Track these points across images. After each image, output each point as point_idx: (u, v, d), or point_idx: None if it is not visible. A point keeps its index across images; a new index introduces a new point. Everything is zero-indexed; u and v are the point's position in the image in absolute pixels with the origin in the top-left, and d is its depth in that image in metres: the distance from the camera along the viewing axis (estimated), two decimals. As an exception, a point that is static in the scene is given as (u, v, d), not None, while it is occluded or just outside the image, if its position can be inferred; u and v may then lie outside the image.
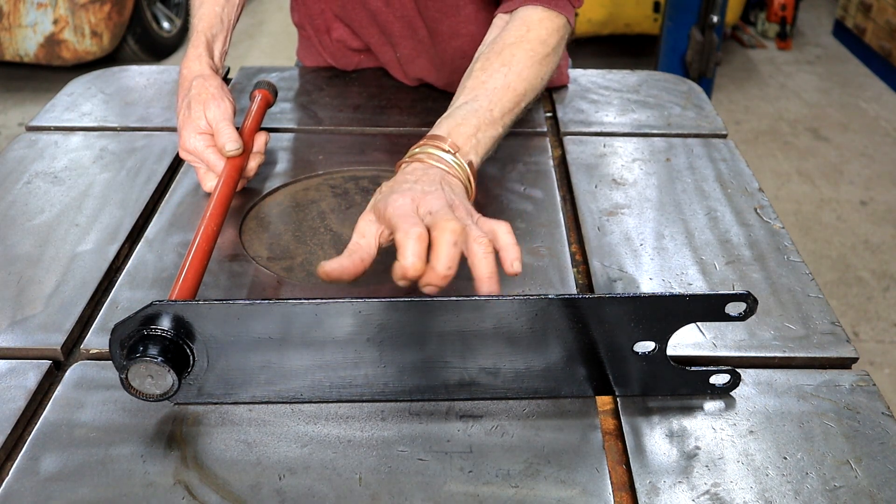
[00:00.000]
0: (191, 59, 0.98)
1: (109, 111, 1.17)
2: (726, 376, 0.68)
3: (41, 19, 3.45)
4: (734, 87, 3.87)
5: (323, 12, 1.21)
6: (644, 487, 0.60)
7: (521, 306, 0.62)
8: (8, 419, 0.65)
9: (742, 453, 0.63)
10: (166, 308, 0.61)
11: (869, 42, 4.07)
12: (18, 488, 0.59)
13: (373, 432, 0.65)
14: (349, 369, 0.65)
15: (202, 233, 0.77)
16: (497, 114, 0.84)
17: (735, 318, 0.63)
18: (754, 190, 0.99)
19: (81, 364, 0.71)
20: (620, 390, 0.68)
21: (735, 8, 3.91)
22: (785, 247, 0.88)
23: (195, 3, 1.04)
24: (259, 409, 0.67)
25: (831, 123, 3.56)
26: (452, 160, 0.77)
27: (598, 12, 3.83)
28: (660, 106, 1.20)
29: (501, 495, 0.59)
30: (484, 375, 0.66)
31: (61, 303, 0.78)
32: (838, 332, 0.75)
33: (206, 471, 0.61)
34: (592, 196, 0.97)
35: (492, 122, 0.83)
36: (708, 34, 2.90)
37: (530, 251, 0.86)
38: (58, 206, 0.94)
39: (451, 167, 0.77)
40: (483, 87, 0.86)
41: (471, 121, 0.81)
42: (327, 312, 0.61)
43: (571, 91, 1.25)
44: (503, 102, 0.85)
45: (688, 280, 0.82)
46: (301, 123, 1.15)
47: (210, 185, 0.92)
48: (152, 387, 0.62)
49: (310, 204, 0.96)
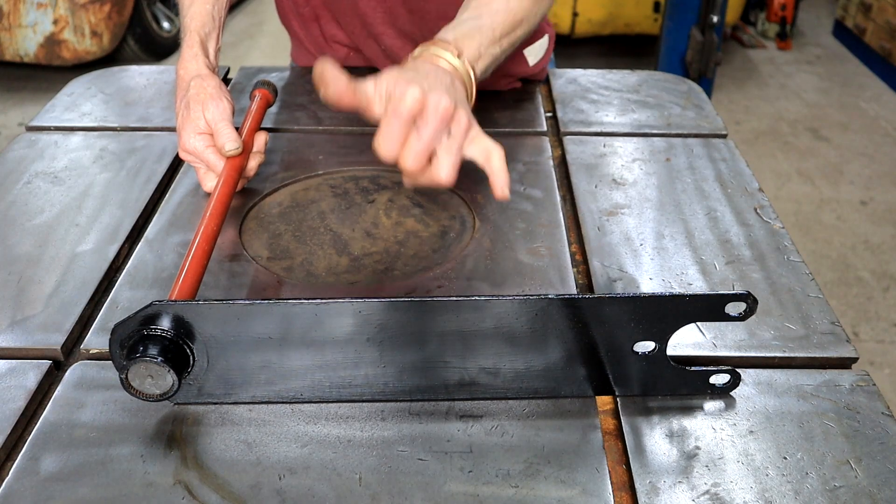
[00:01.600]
0: (187, 60, 0.98)
1: (109, 111, 1.17)
2: (726, 376, 0.68)
3: (41, 19, 3.45)
4: (734, 87, 3.87)
5: (308, 2, 1.21)
6: (644, 487, 0.60)
7: (521, 306, 0.62)
8: (8, 419, 0.65)
9: (742, 453, 0.63)
10: (166, 308, 0.61)
11: (869, 42, 4.07)
12: (18, 488, 0.59)
13: (373, 432, 0.65)
14: (349, 369, 0.65)
15: (202, 233, 0.77)
16: (498, 33, 0.87)
17: (735, 318, 0.63)
18: (754, 190, 0.99)
19: (81, 364, 0.71)
20: (620, 390, 0.68)
21: (735, 8, 3.91)
22: (785, 247, 0.88)
23: (184, 3, 1.04)
24: (259, 409, 0.67)
25: (831, 123, 3.56)
26: (459, 64, 0.79)
27: (598, 12, 3.83)
28: (660, 106, 1.20)
29: (501, 495, 0.59)
30: (484, 375, 0.66)
31: (61, 303, 0.78)
32: (838, 332, 0.75)
33: (206, 471, 0.61)
34: (592, 196, 0.97)
35: (493, 40, 0.86)
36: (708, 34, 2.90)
37: (530, 251, 0.86)
38: (58, 206, 0.94)
39: (456, 71, 0.78)
40: (486, 7, 0.88)
41: (475, 35, 0.84)
42: (327, 312, 0.61)
43: (571, 91, 1.25)
44: (504, 24, 0.88)
45: (688, 280, 0.82)
46: (301, 123, 1.15)
47: (210, 185, 0.92)
48: (152, 387, 0.62)
49: (310, 204, 0.96)
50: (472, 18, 0.87)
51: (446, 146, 0.70)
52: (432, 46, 0.80)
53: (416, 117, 0.69)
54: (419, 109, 0.69)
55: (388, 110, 0.69)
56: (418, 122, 0.69)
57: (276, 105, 1.17)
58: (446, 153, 0.70)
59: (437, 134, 0.69)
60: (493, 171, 0.71)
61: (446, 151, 0.70)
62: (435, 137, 0.69)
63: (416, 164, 0.70)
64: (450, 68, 0.78)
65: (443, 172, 0.70)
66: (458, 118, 0.70)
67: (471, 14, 0.88)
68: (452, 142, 0.71)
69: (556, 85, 1.26)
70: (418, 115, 0.69)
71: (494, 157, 0.71)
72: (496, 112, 1.16)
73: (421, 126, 0.69)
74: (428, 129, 0.69)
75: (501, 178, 0.71)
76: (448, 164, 0.70)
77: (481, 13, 0.88)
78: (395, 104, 0.69)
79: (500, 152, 0.71)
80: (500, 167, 0.71)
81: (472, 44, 0.83)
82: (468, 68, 0.80)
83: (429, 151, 0.70)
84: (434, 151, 0.70)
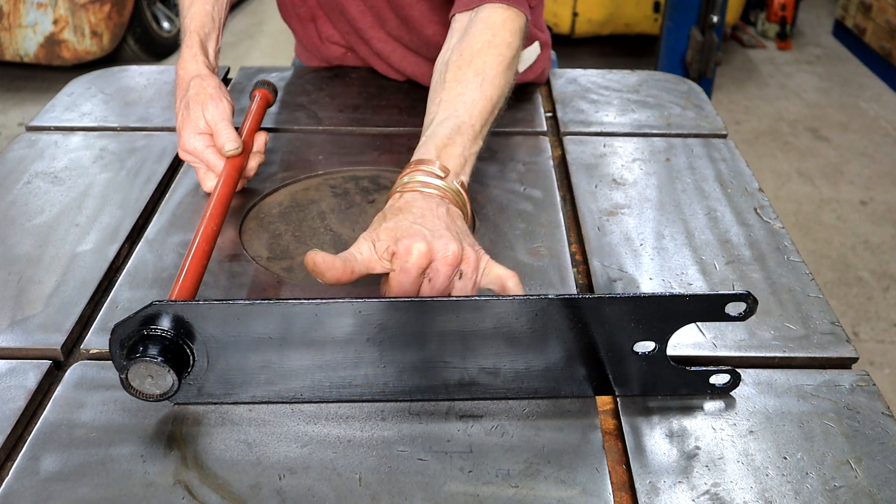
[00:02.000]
0: (186, 60, 0.98)
1: (109, 111, 1.17)
2: (726, 376, 0.68)
3: (41, 19, 3.45)
4: (734, 87, 3.87)
5: (305, 2, 1.21)
6: (644, 487, 0.60)
7: (521, 306, 0.62)
8: (8, 419, 0.65)
9: (742, 453, 0.63)
10: (166, 308, 0.61)
11: (869, 42, 4.07)
12: (18, 488, 0.59)
13: (373, 432, 0.65)
14: (349, 369, 0.65)
15: (202, 233, 0.77)
16: (478, 127, 0.83)
17: (735, 318, 0.63)
18: (754, 190, 0.99)
19: (81, 364, 0.71)
20: (620, 390, 0.68)
21: (735, 8, 3.91)
22: (785, 247, 0.88)
23: (184, 4, 1.04)
24: (259, 409, 0.67)
25: (831, 123, 3.56)
26: (446, 186, 0.77)
27: (598, 12, 3.83)
28: (660, 106, 1.20)
29: (501, 495, 0.59)
30: (484, 375, 0.66)
31: (61, 303, 0.78)
32: (838, 332, 0.75)
33: (206, 471, 0.61)
34: (592, 196, 0.97)
35: (474, 137, 0.83)
36: (708, 34, 2.90)
37: (530, 251, 0.86)
38: (58, 206, 0.94)
39: (446, 193, 0.76)
40: (461, 99, 0.84)
41: (456, 140, 0.80)
42: (327, 312, 0.61)
43: (571, 91, 1.25)
44: (483, 114, 0.84)
45: (688, 280, 0.82)
46: (301, 123, 1.15)
47: (210, 185, 0.92)
48: (152, 387, 0.62)
49: (310, 204, 0.96)
50: (449, 119, 0.82)
51: (460, 287, 0.71)
52: (416, 173, 0.77)
53: (424, 269, 0.69)
54: (427, 262, 0.69)
55: (396, 268, 0.69)
56: (429, 272, 0.69)
57: (276, 105, 1.17)
58: (461, 293, 0.71)
59: (448, 280, 0.70)
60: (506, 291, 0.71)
61: (461, 292, 0.71)
62: (446, 283, 0.70)
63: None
64: (440, 193, 0.76)
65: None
66: (467, 257, 0.70)
67: (445, 112, 0.83)
68: (465, 281, 0.71)
69: (556, 85, 1.26)
70: (427, 267, 0.69)
71: (510, 287, 0.70)
72: (496, 112, 1.16)
73: (433, 277, 0.69)
74: (440, 279, 0.69)
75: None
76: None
77: (456, 108, 0.83)
78: (403, 262, 0.69)
79: (514, 280, 0.70)
80: (514, 290, 0.70)
81: (455, 152, 0.79)
82: (457, 187, 0.78)
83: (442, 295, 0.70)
84: (449, 294, 0.71)
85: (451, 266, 0.69)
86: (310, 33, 1.26)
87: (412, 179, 0.77)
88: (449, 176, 0.78)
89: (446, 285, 0.70)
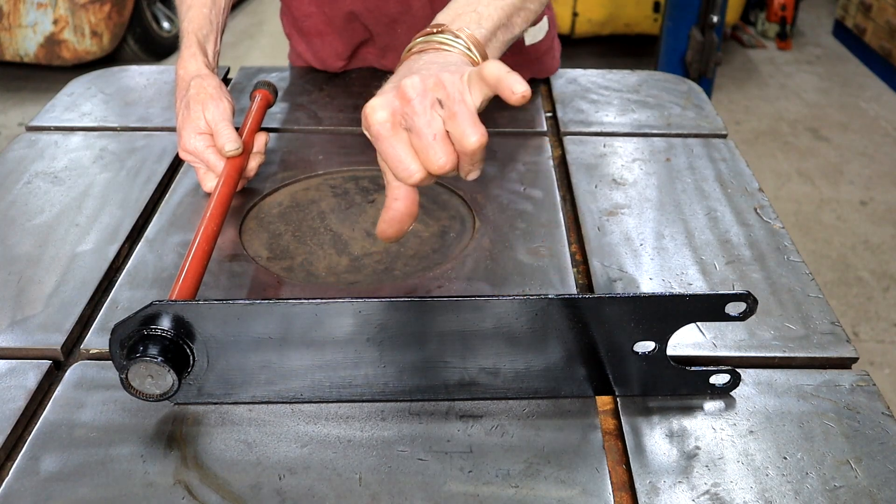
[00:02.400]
0: (186, 60, 0.98)
1: (109, 111, 1.17)
2: (726, 376, 0.68)
3: (41, 19, 3.45)
4: (734, 87, 3.87)
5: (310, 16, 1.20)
6: (644, 487, 0.60)
7: (521, 306, 0.62)
8: (8, 419, 0.65)
9: (742, 453, 0.63)
10: (166, 308, 0.61)
11: (869, 42, 4.07)
12: (18, 488, 0.59)
13: (373, 432, 0.65)
14: (349, 369, 0.65)
15: (202, 233, 0.77)
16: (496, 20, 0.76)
17: (735, 318, 0.63)
18: (754, 190, 0.99)
19: (81, 364, 0.71)
20: (620, 390, 0.68)
21: (735, 8, 3.91)
22: (785, 247, 0.88)
23: (182, 7, 1.04)
24: (259, 409, 0.67)
25: (831, 123, 3.56)
26: (443, 38, 0.71)
27: (598, 12, 3.83)
28: (660, 106, 1.20)
29: (501, 495, 0.59)
30: (484, 375, 0.66)
31: (61, 303, 0.78)
32: (838, 332, 0.75)
33: (206, 471, 0.61)
34: (592, 196, 0.97)
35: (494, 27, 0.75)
36: (708, 34, 2.90)
37: (530, 251, 0.86)
38: (58, 206, 0.94)
39: (463, 52, 0.70)
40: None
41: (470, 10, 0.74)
42: (327, 312, 0.61)
43: (571, 91, 1.25)
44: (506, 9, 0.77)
45: (688, 280, 0.82)
46: (301, 123, 1.15)
47: (210, 185, 0.92)
48: (152, 387, 0.62)
49: (310, 204, 0.96)
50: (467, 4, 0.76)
51: (448, 118, 0.62)
52: (432, 34, 0.72)
53: (398, 125, 0.63)
54: (389, 118, 0.63)
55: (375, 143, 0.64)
56: (403, 123, 0.63)
57: (276, 105, 1.17)
58: (453, 120, 0.62)
59: (426, 116, 0.62)
60: (498, 79, 0.60)
61: (451, 119, 0.62)
62: (426, 123, 0.62)
63: (447, 157, 0.62)
64: (434, 47, 0.70)
65: (467, 140, 0.61)
66: (440, 84, 0.62)
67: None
68: (449, 108, 0.62)
69: (556, 85, 1.26)
70: (398, 122, 0.63)
71: (493, 72, 0.61)
72: (496, 112, 1.16)
73: (408, 125, 0.62)
74: (414, 122, 0.62)
75: (507, 81, 0.60)
76: (462, 128, 0.61)
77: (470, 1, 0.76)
78: (368, 129, 0.64)
79: (494, 65, 0.61)
80: (498, 72, 0.61)
81: (467, 18, 0.73)
82: (473, 47, 0.71)
83: (443, 137, 0.62)
84: (443, 134, 0.62)
85: (411, 101, 0.61)
86: (315, 47, 1.25)
87: (429, 39, 0.72)
88: (464, 34, 0.71)
89: (430, 125, 0.61)
